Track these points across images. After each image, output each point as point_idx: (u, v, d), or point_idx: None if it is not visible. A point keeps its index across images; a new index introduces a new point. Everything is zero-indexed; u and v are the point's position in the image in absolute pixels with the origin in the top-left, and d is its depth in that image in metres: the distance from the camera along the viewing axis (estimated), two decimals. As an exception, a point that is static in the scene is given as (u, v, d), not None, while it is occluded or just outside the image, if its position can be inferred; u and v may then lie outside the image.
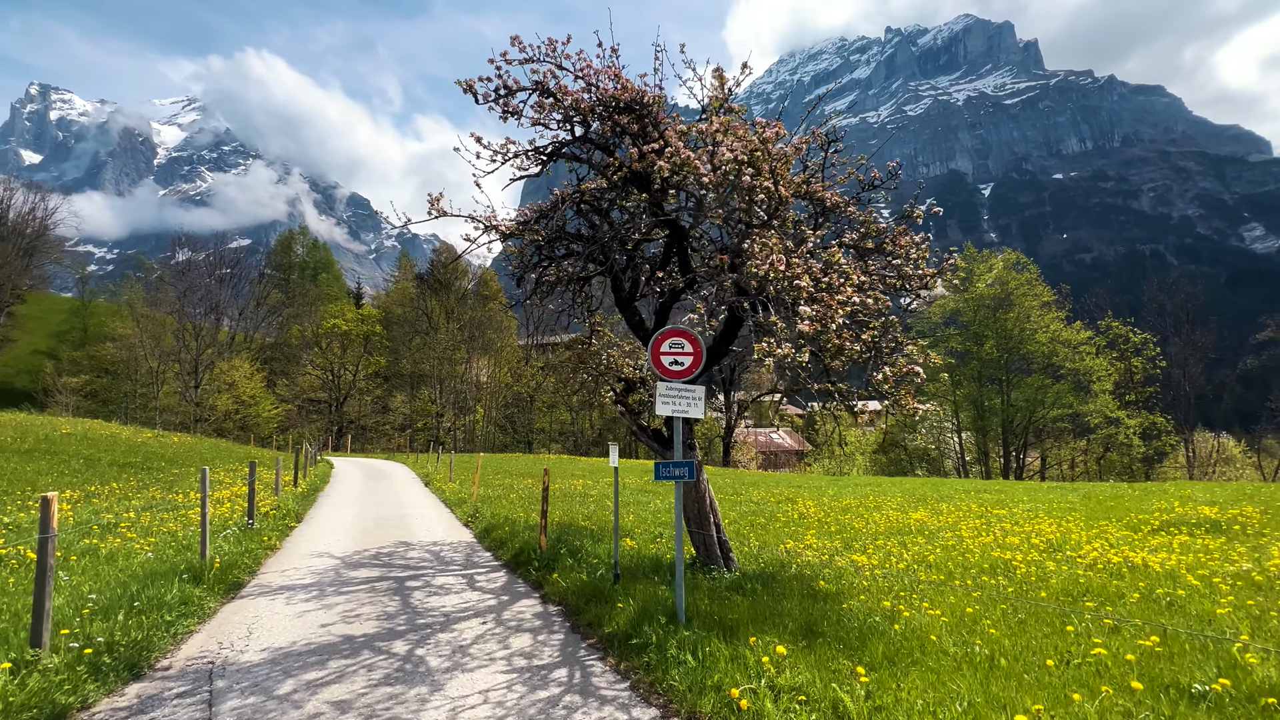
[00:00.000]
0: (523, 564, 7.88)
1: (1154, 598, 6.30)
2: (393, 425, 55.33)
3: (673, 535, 10.28)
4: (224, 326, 56.50)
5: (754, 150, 5.21)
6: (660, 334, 5.54)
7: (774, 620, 5.20)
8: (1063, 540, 10.12)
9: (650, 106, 6.60)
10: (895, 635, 5.04)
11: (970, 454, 47.21)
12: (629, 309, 9.33)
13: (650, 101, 6.50)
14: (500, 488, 17.46)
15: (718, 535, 8.28)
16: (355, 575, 7.57)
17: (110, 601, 5.36)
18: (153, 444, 22.77)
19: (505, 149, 6.88)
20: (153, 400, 46.62)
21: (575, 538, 9.34)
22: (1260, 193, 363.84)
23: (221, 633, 5.40)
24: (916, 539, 10.61)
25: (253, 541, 8.86)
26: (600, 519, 12.18)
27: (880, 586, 7.08)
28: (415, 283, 66.54)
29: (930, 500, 15.73)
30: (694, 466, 5.11)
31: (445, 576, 7.57)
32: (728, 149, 5.22)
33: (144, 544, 8.26)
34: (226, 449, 26.44)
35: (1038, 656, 4.52)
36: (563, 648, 4.93)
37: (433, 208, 8.71)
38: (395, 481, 20.50)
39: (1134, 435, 36.72)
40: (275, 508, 11.67)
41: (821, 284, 5.85)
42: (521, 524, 10.81)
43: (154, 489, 14.44)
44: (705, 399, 5.41)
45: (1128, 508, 13.21)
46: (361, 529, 11.14)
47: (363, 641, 5.10)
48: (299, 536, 10.29)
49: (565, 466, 29.21)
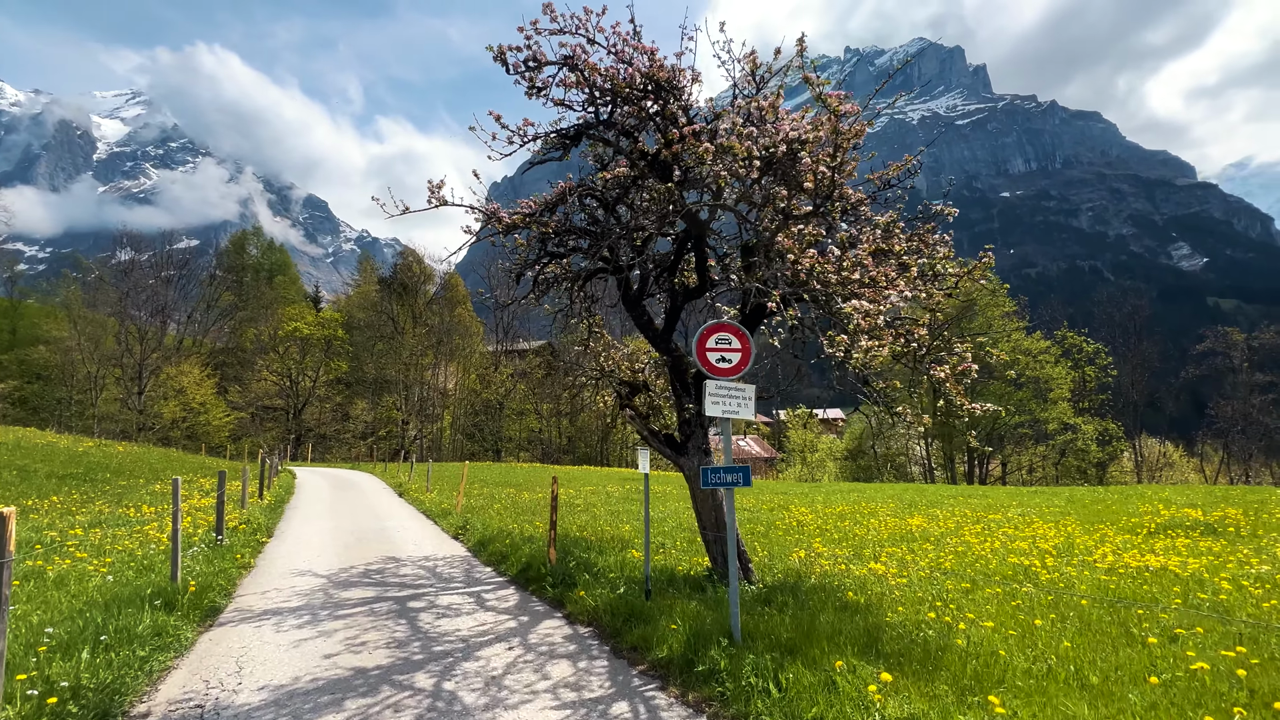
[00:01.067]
0: (534, 580, 7.28)
1: (1194, 602, 6.18)
2: (353, 433, 53.09)
3: (681, 544, 9.82)
4: (170, 330, 53.33)
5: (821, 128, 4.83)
6: (706, 329, 5.11)
7: (832, 638, 4.80)
8: (1068, 545, 10.09)
9: (682, 89, 6.19)
10: (963, 651, 4.70)
11: (935, 460, 48.26)
12: (637, 308, 8.89)
13: (684, 84, 6.10)
14: (482, 498, 16.66)
15: (738, 546, 7.86)
16: (348, 596, 6.83)
17: (71, 635, 4.56)
18: (95, 454, 20.96)
19: (523, 130, 6.35)
20: (90, 407, 43.48)
21: (578, 549, 8.79)
22: (1186, 214, 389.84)
23: (206, 668, 4.66)
24: (924, 545, 10.43)
25: (224, 560, 7.97)
26: (596, 529, 11.61)
27: (912, 596, 6.78)
28: (378, 286, 64.36)
29: (921, 506, 15.71)
30: (748, 472, 4.68)
31: (449, 595, 6.91)
32: (790, 126, 4.84)
33: (98, 565, 7.31)
34: (178, 459, 24.64)
35: (1124, 671, 4.24)
36: (611, 676, 4.40)
37: (432, 196, 8.12)
38: (366, 492, 19.39)
39: (1091, 441, 38.12)
40: (244, 522, 10.69)
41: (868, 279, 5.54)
42: (517, 536, 10.16)
43: (100, 503, 13.13)
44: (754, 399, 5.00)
45: (1115, 511, 13.41)
46: (341, 544, 10.28)
47: (378, 675, 4.45)
48: (273, 553, 9.39)
49: (540, 475, 28.38)
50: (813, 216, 5.46)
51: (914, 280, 5.71)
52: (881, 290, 5.86)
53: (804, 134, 4.77)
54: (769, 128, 5.01)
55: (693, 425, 8.24)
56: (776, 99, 5.03)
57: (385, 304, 57.98)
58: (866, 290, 5.91)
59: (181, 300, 56.50)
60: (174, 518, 6.11)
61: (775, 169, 5.25)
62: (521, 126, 6.27)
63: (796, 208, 5.81)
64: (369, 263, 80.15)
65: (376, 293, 61.50)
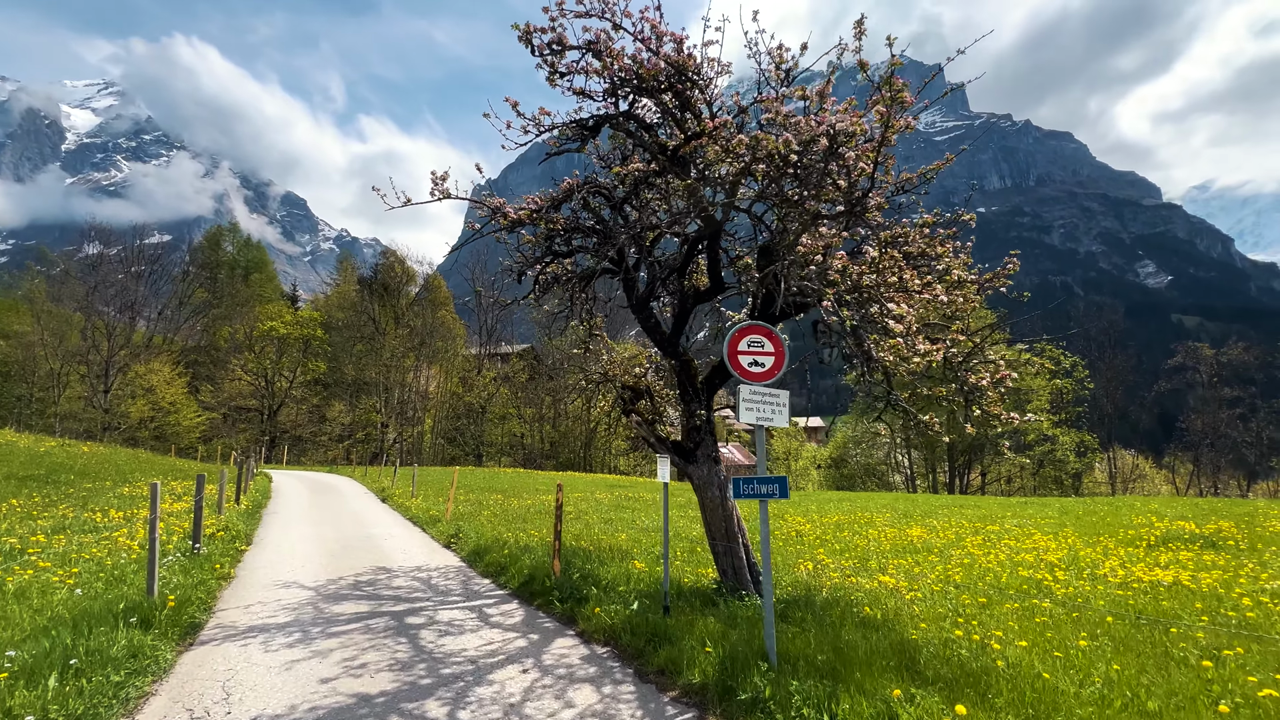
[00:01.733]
0: (538, 594, 6.89)
1: (1222, 620, 6.05)
2: (330, 436, 51.72)
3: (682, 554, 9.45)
4: (140, 327, 51.47)
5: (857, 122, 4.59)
6: (737, 331, 4.82)
7: (869, 661, 4.52)
8: (1072, 558, 10.00)
9: (708, 81, 5.94)
10: (1005, 674, 4.46)
11: (916, 469, 48.70)
12: (643, 310, 8.60)
13: (710, 75, 5.85)
14: (469, 504, 16.14)
15: (747, 557, 7.58)
16: (340, 611, 6.37)
17: (36, 659, 4.07)
18: (58, 454, 19.91)
19: (539, 120, 6.03)
20: (52, 405, 41.66)
21: (579, 560, 8.42)
22: (1152, 233, 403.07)
23: (189, 695, 4.21)
24: (929, 557, 10.26)
25: (203, 570, 7.44)
26: (592, 539, 11.24)
27: (930, 612, 6.55)
28: (358, 286, 63.04)
29: (916, 516, 15.61)
30: (785, 483, 4.39)
31: (449, 610, 6.49)
32: (835, 118, 4.59)
33: (64, 576, 6.74)
34: (147, 460, 23.57)
35: (1181, 697, 4.03)
36: (641, 703, 4.06)
37: (435, 188, 7.77)
38: (348, 497, 18.71)
39: (1070, 452, 38.76)
40: (222, 529, 10.09)
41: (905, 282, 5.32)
42: (513, 545, 9.74)
43: (64, 507, 12.36)
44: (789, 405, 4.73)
45: (1110, 524, 13.44)
46: (326, 552, 9.75)
47: (385, 703, 4.05)
48: (254, 562, 8.84)
49: (526, 481, 27.83)
50: (847, 216, 5.22)
51: (950, 286, 5.49)
52: (916, 295, 5.65)
53: (850, 125, 4.53)
54: (809, 120, 4.76)
55: (702, 432, 7.95)
56: (826, 85, 4.78)
57: (366, 304, 56.82)
58: (899, 295, 5.70)
59: (152, 296, 54.61)
60: (151, 525, 5.61)
61: (804, 166, 4.99)
62: (538, 115, 5.95)
63: (826, 202, 5.57)
64: (349, 262, 78.62)
65: (356, 293, 60.25)
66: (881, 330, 5.33)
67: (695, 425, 8.03)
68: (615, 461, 56.10)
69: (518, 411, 54.54)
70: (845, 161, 4.66)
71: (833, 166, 5.13)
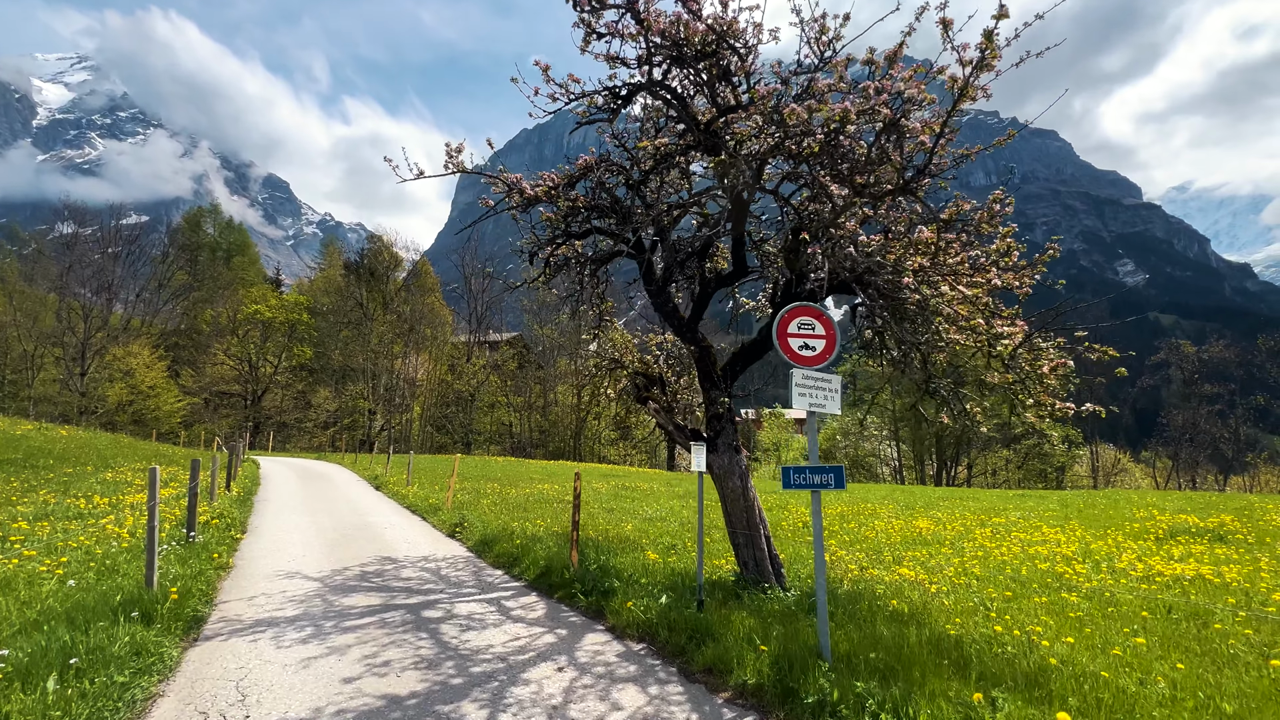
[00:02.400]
0: (558, 586, 6.61)
1: (1259, 614, 5.95)
2: (315, 422, 50.80)
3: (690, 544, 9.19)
4: (117, 310, 49.99)
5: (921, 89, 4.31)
6: (787, 312, 4.55)
7: (924, 659, 4.31)
8: (1085, 550, 9.96)
9: (750, 49, 5.62)
10: (1062, 673, 4.28)
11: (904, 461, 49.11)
12: (661, 294, 8.32)
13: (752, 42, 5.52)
14: (466, 492, 15.80)
15: (769, 549, 7.37)
16: (350, 603, 6.04)
17: (32, 658, 3.71)
18: (35, 437, 19.15)
19: (567, 86, 5.66)
20: (26, 388, 40.38)
21: (592, 551, 8.15)
22: (1131, 232, 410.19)
23: (201, 696, 3.87)
24: (941, 549, 10.15)
25: (200, 559, 7.06)
26: (599, 528, 10.99)
27: (960, 606, 6.40)
28: (344, 271, 61.78)
29: (919, 508, 15.57)
30: (841, 473, 4.14)
31: (466, 603, 6.19)
32: (903, 82, 4.30)
33: (51, 565, 6.33)
34: (129, 445, 22.81)
35: (1253, 697, 3.87)
36: (695, 706, 3.80)
37: (450, 160, 7.42)
38: (339, 484, 18.25)
39: (1058, 445, 39.25)
40: (216, 516, 9.67)
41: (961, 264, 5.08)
42: (520, 534, 9.46)
43: (44, 492, 11.82)
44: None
45: (1113, 516, 13.48)
46: (326, 541, 9.39)
47: (417, 706, 3.75)
48: (251, 552, 8.45)
49: (518, 470, 27.52)
50: (900, 193, 4.95)
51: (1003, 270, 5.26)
52: (966, 278, 5.41)
53: (917, 92, 4.25)
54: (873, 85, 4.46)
55: (723, 420, 7.70)
56: (899, 48, 4.47)
57: (353, 289, 55.73)
58: (946, 279, 5.46)
59: (130, 278, 53.04)
60: (150, 512, 5.23)
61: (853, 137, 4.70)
62: (567, 81, 5.59)
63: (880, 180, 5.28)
64: (334, 246, 77.05)
65: (342, 277, 59.06)
66: (946, 316, 5.07)
67: (716, 414, 7.77)
68: (605, 451, 55.87)
69: (507, 400, 54.03)
70: (909, 131, 4.38)
71: (886, 141, 4.86)
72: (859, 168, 5.36)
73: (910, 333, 5.51)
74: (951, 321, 5.15)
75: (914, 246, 5.16)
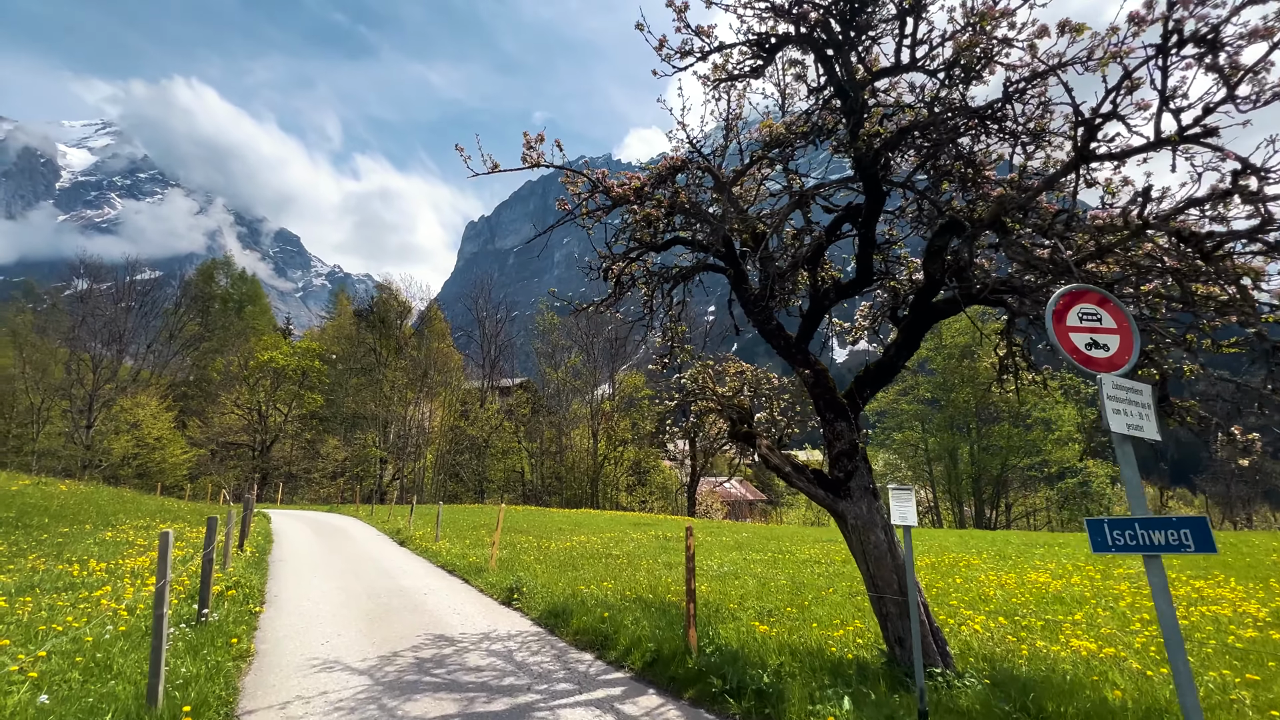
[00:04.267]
0: (681, 681, 5.06)
1: None
2: (324, 473, 49.03)
3: (785, 608, 7.53)
4: (127, 362, 49.19)
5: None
6: (1062, 297, 3.24)
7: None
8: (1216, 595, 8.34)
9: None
10: None
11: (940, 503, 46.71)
12: (761, 310, 7.09)
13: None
14: (502, 547, 14.18)
15: (929, 622, 5.82)
16: (414, 712, 4.52)
17: None
18: (32, 493, 17.69)
19: (703, 34, 4.54)
20: (30, 442, 39.07)
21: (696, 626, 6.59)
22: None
23: None
24: (1097, 610, 8.46)
25: (215, 647, 5.57)
26: (667, 587, 9.38)
27: (1206, 702, 4.82)
28: (354, 319, 61.27)
29: (1011, 557, 13.81)
30: (1206, 525, 2.74)
31: (570, 710, 4.65)
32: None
33: (25, 661, 4.85)
34: (131, 500, 21.26)
35: None
36: None
37: (527, 154, 6.33)
38: (358, 540, 16.62)
39: (1106, 484, 37.10)
40: (232, 584, 8.16)
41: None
42: (592, 601, 7.90)
43: (34, 556, 10.33)
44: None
45: (1249, 562, 11.76)
46: (360, 614, 7.84)
47: None
48: (275, 631, 6.92)
49: (542, 520, 25.70)
50: (1159, 146, 3.72)
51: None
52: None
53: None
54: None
55: (855, 459, 6.30)
56: None
57: (364, 336, 55.02)
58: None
59: (141, 330, 52.49)
60: (157, 597, 3.81)
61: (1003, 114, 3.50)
62: (706, 29, 4.47)
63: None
64: (344, 294, 77.10)
65: (352, 325, 58.48)
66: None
67: (843, 450, 6.38)
68: (618, 497, 53.68)
69: (521, 445, 52.27)
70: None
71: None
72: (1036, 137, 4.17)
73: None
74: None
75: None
